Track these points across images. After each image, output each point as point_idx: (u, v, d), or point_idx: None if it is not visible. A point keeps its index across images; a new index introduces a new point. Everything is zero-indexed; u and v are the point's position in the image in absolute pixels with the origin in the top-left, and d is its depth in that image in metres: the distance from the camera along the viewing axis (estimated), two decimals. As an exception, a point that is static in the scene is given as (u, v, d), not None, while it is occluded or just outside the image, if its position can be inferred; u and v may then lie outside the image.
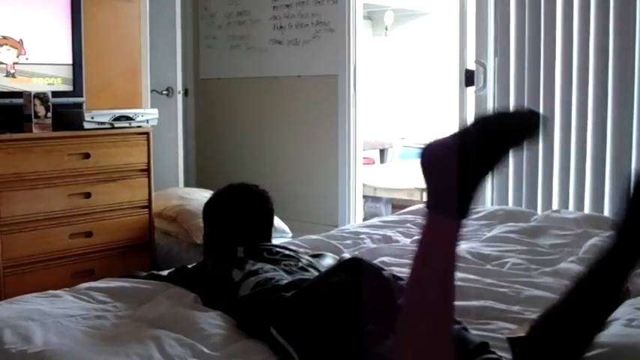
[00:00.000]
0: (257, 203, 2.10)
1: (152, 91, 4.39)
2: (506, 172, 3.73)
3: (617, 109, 3.34)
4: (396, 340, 1.13)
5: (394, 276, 1.62)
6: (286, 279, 1.71)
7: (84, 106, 3.56)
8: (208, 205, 2.14)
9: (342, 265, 1.61)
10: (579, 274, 1.20)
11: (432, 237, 1.13)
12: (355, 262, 1.60)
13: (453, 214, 1.11)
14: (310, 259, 2.00)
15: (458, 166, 1.09)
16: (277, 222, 3.69)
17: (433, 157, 1.13)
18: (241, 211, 2.06)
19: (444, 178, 1.11)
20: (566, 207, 3.49)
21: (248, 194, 2.11)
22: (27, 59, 3.37)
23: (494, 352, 1.37)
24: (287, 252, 1.95)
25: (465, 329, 1.47)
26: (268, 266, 1.80)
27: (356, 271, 1.55)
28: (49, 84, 3.45)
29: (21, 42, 3.33)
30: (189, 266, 2.05)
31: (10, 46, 3.32)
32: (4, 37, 3.28)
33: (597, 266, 1.17)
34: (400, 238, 2.71)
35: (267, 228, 2.09)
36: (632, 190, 1.14)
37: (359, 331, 1.37)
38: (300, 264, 1.88)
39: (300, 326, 1.47)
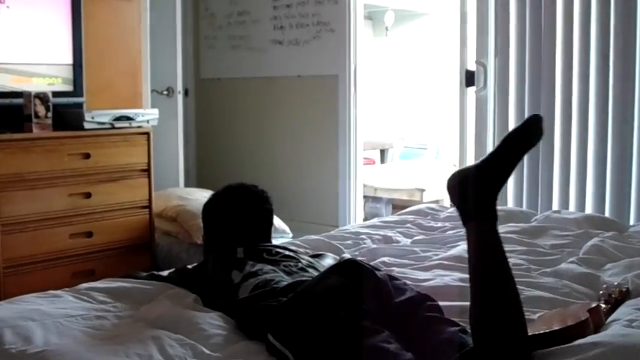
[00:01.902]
0: (256, 204, 2.09)
1: (152, 91, 4.39)
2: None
3: (618, 109, 3.34)
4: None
5: (390, 276, 1.62)
6: (286, 280, 1.71)
7: (84, 106, 3.56)
8: (207, 206, 2.14)
9: (337, 268, 1.61)
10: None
11: (478, 241, 1.40)
12: (349, 263, 1.60)
13: (486, 218, 1.40)
14: (310, 259, 2.00)
15: (476, 184, 1.41)
16: (277, 222, 3.69)
17: (455, 183, 1.46)
18: (240, 212, 2.05)
19: (467, 196, 1.42)
20: (567, 207, 3.49)
21: (247, 195, 2.11)
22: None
23: None
24: (287, 252, 1.95)
25: (464, 331, 1.47)
26: (268, 267, 1.80)
27: (350, 273, 1.55)
28: (49, 84, 3.45)
29: None
30: (189, 267, 2.05)
31: None
32: None
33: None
34: (400, 238, 2.71)
35: (267, 228, 2.09)
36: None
37: (353, 331, 1.37)
38: (299, 264, 1.88)
39: (296, 331, 1.47)
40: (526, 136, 1.43)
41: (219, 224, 2.08)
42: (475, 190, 1.41)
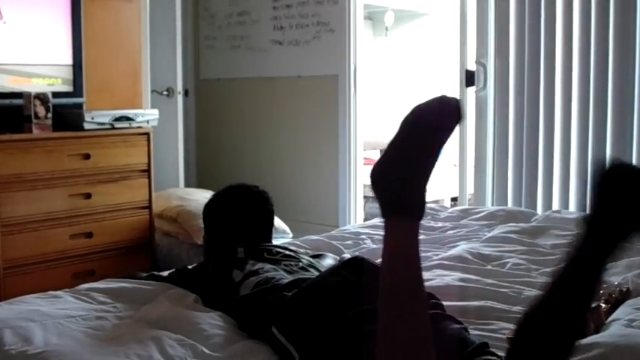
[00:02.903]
0: (257, 204, 2.09)
1: (152, 91, 4.39)
2: (506, 172, 3.74)
3: (618, 109, 3.34)
4: (377, 345, 1.13)
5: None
6: (287, 279, 1.71)
7: (84, 107, 3.56)
8: (208, 206, 2.14)
9: (344, 265, 1.61)
10: (557, 270, 1.22)
11: (393, 239, 1.18)
12: (356, 261, 1.60)
13: (407, 214, 1.16)
14: (310, 259, 2.00)
15: (400, 174, 1.17)
16: (278, 222, 3.69)
17: (379, 174, 1.21)
18: (241, 213, 2.05)
19: (391, 187, 1.18)
20: (567, 207, 3.49)
21: (248, 195, 2.11)
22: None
23: (493, 353, 1.37)
24: (287, 252, 1.95)
25: (466, 329, 1.47)
26: (268, 266, 1.80)
27: (357, 271, 1.55)
28: (49, 84, 3.45)
29: None
30: (190, 267, 2.05)
31: None
32: None
33: (573, 261, 1.19)
34: (400, 238, 2.70)
35: (268, 229, 2.09)
36: (597, 181, 1.15)
37: (360, 330, 1.37)
38: (300, 264, 1.88)
39: (302, 325, 1.47)
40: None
41: (220, 224, 2.08)
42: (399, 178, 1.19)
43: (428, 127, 1.18)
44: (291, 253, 1.96)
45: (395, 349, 1.10)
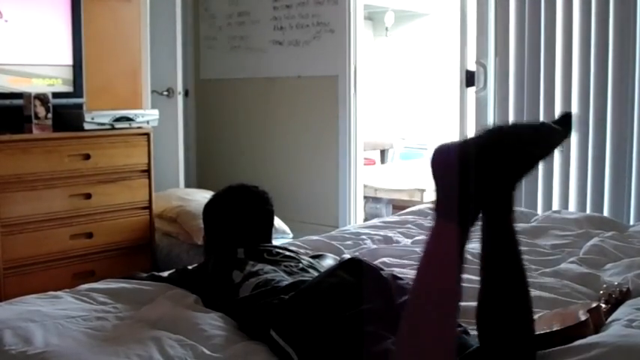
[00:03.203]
0: (257, 204, 2.09)
1: (152, 91, 4.39)
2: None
3: (618, 109, 3.34)
4: (398, 339, 1.11)
5: (394, 276, 1.61)
6: (286, 280, 1.71)
7: (84, 107, 3.56)
8: (208, 206, 2.14)
9: (342, 266, 1.61)
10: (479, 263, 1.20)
11: (441, 243, 1.10)
12: (355, 262, 1.60)
13: (464, 223, 1.08)
14: (311, 260, 2.00)
15: (470, 174, 1.05)
16: (278, 223, 3.69)
17: (444, 162, 1.07)
18: (241, 213, 2.05)
19: (455, 184, 1.06)
20: (567, 207, 3.49)
21: (248, 195, 2.11)
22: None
23: None
24: (287, 253, 1.95)
25: (465, 332, 1.47)
26: (268, 267, 1.80)
27: (355, 272, 1.55)
28: (49, 85, 3.45)
29: None
30: (190, 267, 2.05)
31: None
32: None
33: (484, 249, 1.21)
34: (401, 238, 2.71)
35: (268, 229, 2.09)
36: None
37: (358, 332, 1.37)
38: (300, 265, 1.88)
39: (300, 327, 1.47)
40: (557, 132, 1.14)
41: (220, 225, 2.08)
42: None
43: (543, 143, 1.10)
44: (291, 254, 1.95)
45: (417, 353, 1.06)
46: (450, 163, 1.06)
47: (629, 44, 3.28)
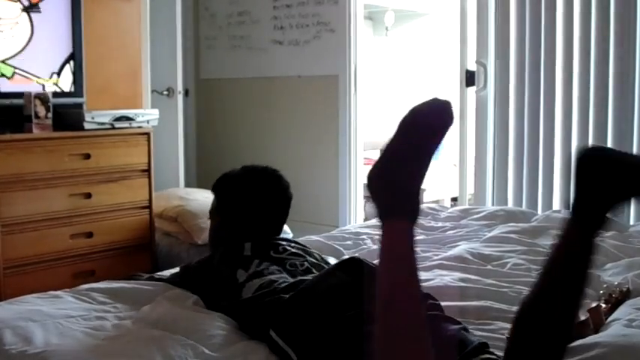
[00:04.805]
0: (278, 189, 1.99)
1: (152, 91, 4.39)
2: (507, 172, 3.74)
3: (618, 109, 3.34)
4: (374, 343, 1.13)
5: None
6: (289, 282, 1.69)
7: (84, 107, 3.56)
8: (224, 186, 2.00)
9: (340, 265, 1.60)
10: (545, 263, 1.24)
11: (389, 241, 1.17)
12: (354, 261, 1.59)
13: (403, 216, 1.16)
14: (319, 258, 1.94)
15: (394, 176, 1.18)
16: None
17: (375, 176, 1.22)
18: (261, 197, 1.94)
19: (386, 189, 1.19)
20: (568, 207, 3.48)
21: (269, 178, 1.99)
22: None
23: (492, 353, 1.37)
24: (294, 250, 1.89)
25: (465, 329, 1.47)
26: (273, 267, 1.76)
27: (354, 271, 1.55)
28: (49, 84, 3.45)
29: None
30: (194, 263, 1.97)
31: None
32: None
33: (559, 253, 1.22)
34: (401, 238, 2.70)
35: (283, 219, 2.00)
36: (577, 168, 1.20)
37: (357, 331, 1.37)
38: (305, 264, 1.82)
39: (299, 327, 1.46)
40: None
41: (237, 208, 1.94)
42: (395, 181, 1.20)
43: (420, 130, 1.21)
44: (298, 251, 1.89)
45: (391, 346, 1.10)
46: (380, 177, 1.21)
47: (629, 43, 3.28)
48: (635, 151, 3.31)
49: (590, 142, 3.43)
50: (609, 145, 3.37)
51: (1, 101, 3.26)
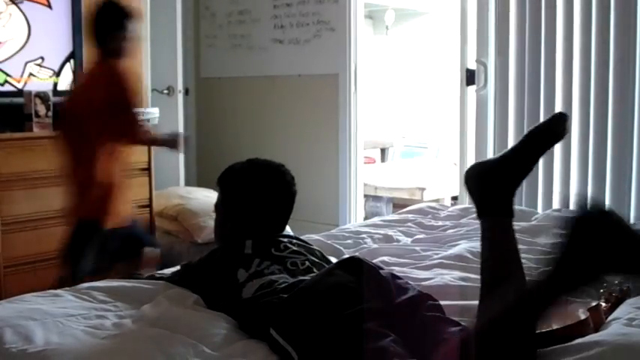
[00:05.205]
0: (284, 184, 1.97)
1: (153, 90, 4.39)
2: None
3: (619, 108, 3.34)
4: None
5: (393, 275, 1.61)
6: (290, 282, 1.69)
7: (84, 106, 3.55)
8: (228, 179, 1.99)
9: (340, 265, 1.60)
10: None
11: (491, 236, 1.39)
12: (354, 261, 1.59)
13: (502, 214, 1.40)
14: (320, 254, 1.94)
15: (494, 178, 1.41)
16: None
17: (473, 175, 1.47)
18: (267, 190, 1.94)
19: (484, 189, 1.42)
20: (567, 206, 3.49)
21: (275, 173, 1.97)
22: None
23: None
24: (295, 248, 1.88)
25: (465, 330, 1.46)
26: (274, 266, 1.76)
27: (354, 270, 1.55)
28: (49, 83, 3.45)
29: None
30: (195, 261, 1.97)
31: None
32: None
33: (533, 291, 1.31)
34: (401, 237, 2.71)
35: (286, 215, 2.00)
36: (573, 223, 1.21)
37: (358, 330, 1.37)
38: (306, 263, 1.81)
39: (299, 326, 1.46)
40: (549, 133, 1.44)
41: (242, 202, 1.93)
42: (493, 184, 1.40)
43: (544, 144, 1.45)
44: (300, 249, 1.89)
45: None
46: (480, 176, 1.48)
47: (630, 42, 3.28)
48: (634, 149, 3.31)
49: (591, 141, 3.42)
50: (609, 145, 3.37)
51: (1, 100, 3.26)
